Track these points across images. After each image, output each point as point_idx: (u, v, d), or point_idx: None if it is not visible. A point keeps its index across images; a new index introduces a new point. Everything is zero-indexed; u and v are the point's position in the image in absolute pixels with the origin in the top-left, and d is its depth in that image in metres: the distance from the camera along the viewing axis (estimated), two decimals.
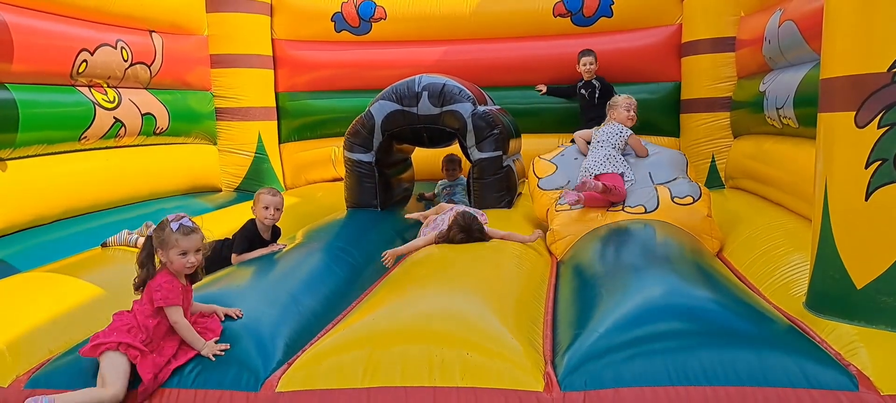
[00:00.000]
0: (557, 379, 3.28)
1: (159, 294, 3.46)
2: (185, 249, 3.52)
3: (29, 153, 6.08)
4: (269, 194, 5.23)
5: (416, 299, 3.99)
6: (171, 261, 3.52)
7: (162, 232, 3.53)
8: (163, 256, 3.53)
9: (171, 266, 3.53)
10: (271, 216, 5.19)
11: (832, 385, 3.10)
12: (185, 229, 3.54)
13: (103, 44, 6.89)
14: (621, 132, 6.20)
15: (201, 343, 3.50)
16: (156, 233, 3.55)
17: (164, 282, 3.49)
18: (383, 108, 6.73)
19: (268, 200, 5.19)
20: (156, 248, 3.54)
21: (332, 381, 3.26)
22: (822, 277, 3.80)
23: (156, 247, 3.54)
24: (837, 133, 3.63)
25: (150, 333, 3.44)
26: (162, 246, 3.52)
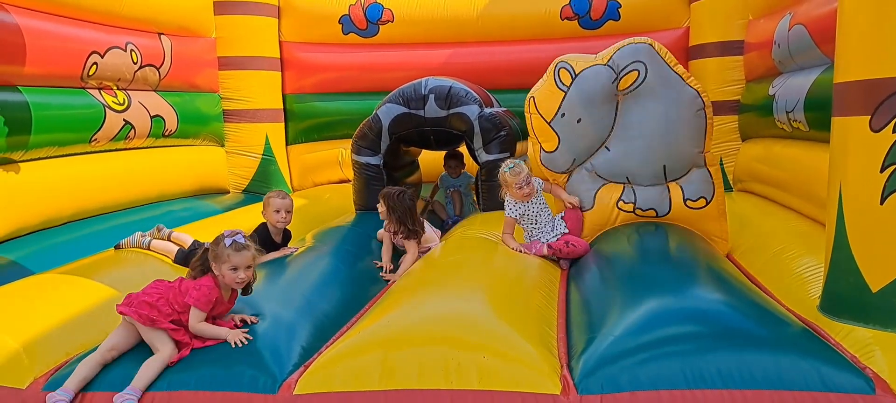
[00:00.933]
0: (574, 383, 3.28)
1: (195, 293, 3.61)
2: (236, 265, 3.66)
3: (40, 155, 6.10)
4: (278, 198, 5.25)
5: (430, 302, 4.00)
6: (223, 275, 3.66)
7: (216, 248, 3.68)
8: (216, 270, 3.67)
9: (222, 279, 3.67)
10: (283, 219, 5.21)
11: (849, 388, 3.10)
12: (237, 246, 3.68)
13: (113, 46, 6.92)
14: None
15: (224, 332, 3.61)
16: (211, 248, 3.70)
17: (204, 286, 3.64)
18: (390, 111, 6.74)
19: (278, 204, 5.21)
20: (210, 261, 3.68)
21: (349, 384, 3.28)
22: (837, 280, 3.80)
23: (210, 261, 3.68)
24: (852, 137, 3.63)
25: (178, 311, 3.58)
26: (215, 260, 3.67)
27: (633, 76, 5.44)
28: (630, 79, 5.45)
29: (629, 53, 5.46)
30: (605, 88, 5.51)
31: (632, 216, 5.71)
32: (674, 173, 5.62)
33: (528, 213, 5.50)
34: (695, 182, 5.62)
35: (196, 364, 3.48)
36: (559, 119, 5.60)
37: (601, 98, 5.53)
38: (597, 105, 5.55)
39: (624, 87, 5.50)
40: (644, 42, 5.49)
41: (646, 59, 5.44)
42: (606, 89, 5.51)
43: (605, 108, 5.58)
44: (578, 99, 5.53)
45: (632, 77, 5.44)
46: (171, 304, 3.61)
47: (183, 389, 3.38)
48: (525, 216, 5.51)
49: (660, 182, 5.67)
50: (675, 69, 5.46)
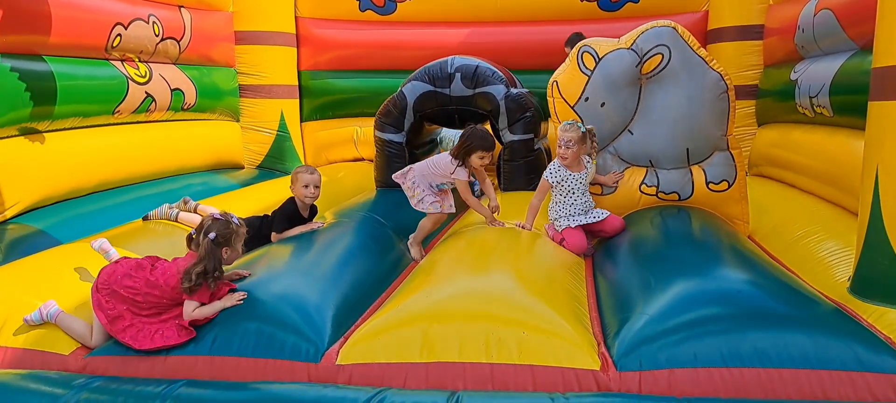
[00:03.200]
0: (613, 360, 3.32)
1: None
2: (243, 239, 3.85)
3: (65, 126, 6.11)
4: (307, 173, 5.24)
5: (466, 279, 4.06)
6: (237, 252, 3.80)
7: (227, 228, 3.74)
8: (228, 251, 3.74)
9: (233, 258, 3.80)
10: (311, 194, 5.21)
11: (885, 368, 3.15)
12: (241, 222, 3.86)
13: (136, 18, 6.91)
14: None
15: (218, 304, 3.67)
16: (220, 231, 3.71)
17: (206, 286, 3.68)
18: (416, 89, 6.73)
19: (307, 178, 5.21)
20: (222, 245, 3.71)
21: (392, 355, 3.32)
22: (870, 262, 3.83)
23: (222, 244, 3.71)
24: (890, 121, 3.65)
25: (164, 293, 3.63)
26: (228, 241, 3.73)
27: (656, 60, 5.44)
28: (654, 62, 5.45)
29: (653, 37, 5.46)
30: (629, 72, 5.51)
31: (654, 199, 5.72)
32: (697, 156, 5.63)
33: (565, 184, 5.36)
34: (717, 165, 5.62)
35: (237, 329, 3.53)
36: (583, 103, 5.61)
37: (625, 82, 5.53)
38: (620, 89, 5.55)
39: (647, 71, 5.50)
40: (668, 25, 5.48)
41: (669, 42, 5.43)
42: (630, 73, 5.51)
43: (629, 92, 5.58)
44: (602, 83, 5.54)
45: (655, 61, 5.44)
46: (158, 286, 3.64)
47: (225, 354, 3.42)
48: (562, 185, 5.36)
49: (683, 165, 5.67)
50: (698, 53, 5.46)
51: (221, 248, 3.70)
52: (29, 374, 3.40)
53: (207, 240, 3.64)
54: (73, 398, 3.16)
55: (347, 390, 3.17)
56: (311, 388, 3.21)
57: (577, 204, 5.38)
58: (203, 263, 3.61)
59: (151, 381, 3.29)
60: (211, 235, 3.66)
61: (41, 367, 3.53)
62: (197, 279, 3.57)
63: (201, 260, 3.62)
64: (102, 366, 3.51)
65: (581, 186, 5.38)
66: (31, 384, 3.29)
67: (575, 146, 5.26)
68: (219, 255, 3.69)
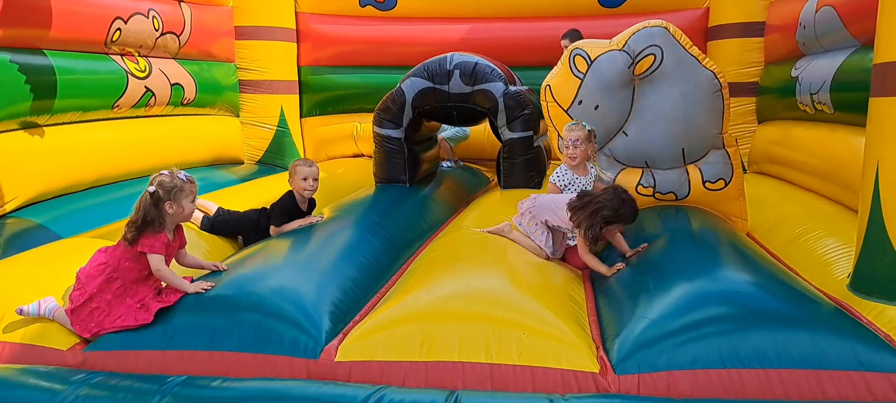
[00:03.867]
0: (611, 363, 3.32)
1: (146, 241, 3.68)
2: (194, 195, 3.83)
3: (65, 120, 6.10)
4: (305, 166, 5.24)
5: (466, 278, 4.04)
6: (183, 208, 3.77)
7: (171, 182, 3.73)
8: (172, 206, 3.71)
9: (180, 213, 3.76)
10: (310, 187, 5.21)
11: (885, 367, 3.14)
12: (189, 178, 3.84)
13: (136, 12, 6.90)
14: None
15: (186, 284, 3.73)
16: (162, 186, 3.71)
17: (148, 237, 3.71)
18: (414, 85, 6.72)
19: (305, 171, 5.20)
20: (164, 199, 3.69)
21: (391, 353, 3.32)
22: (870, 259, 3.82)
23: (164, 199, 3.70)
24: (890, 117, 3.64)
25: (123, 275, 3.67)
26: (173, 196, 3.71)
27: (649, 61, 5.42)
28: (646, 63, 5.43)
29: (644, 38, 5.43)
30: (622, 74, 5.49)
31: (651, 200, 5.70)
32: (692, 156, 5.61)
33: (571, 188, 5.30)
34: (713, 163, 5.61)
35: (235, 322, 3.53)
36: (576, 106, 5.59)
37: (618, 84, 5.51)
38: (614, 91, 5.53)
39: (640, 72, 5.48)
40: (659, 25, 5.46)
41: (661, 42, 5.41)
42: (623, 75, 5.49)
43: (622, 94, 5.57)
44: (595, 86, 5.52)
45: (648, 61, 5.42)
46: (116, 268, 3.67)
47: (224, 349, 3.42)
48: (568, 188, 5.31)
49: (679, 165, 5.65)
50: (690, 51, 5.43)
51: (164, 202, 3.70)
52: (27, 369, 3.39)
53: (145, 194, 3.70)
54: (72, 393, 3.16)
55: (347, 387, 3.16)
56: (310, 385, 3.20)
57: None
58: (139, 213, 3.67)
59: (150, 377, 3.29)
60: (150, 189, 3.71)
61: (39, 362, 3.52)
62: (135, 231, 3.65)
63: (136, 210, 3.69)
64: (101, 361, 3.50)
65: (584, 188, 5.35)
66: (30, 379, 3.29)
67: (582, 144, 5.25)
68: (161, 208, 3.69)
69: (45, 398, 3.16)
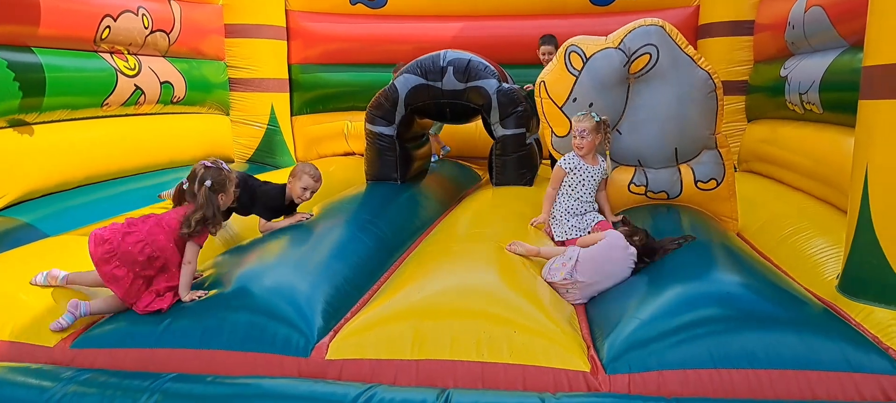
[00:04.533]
0: (602, 363, 3.33)
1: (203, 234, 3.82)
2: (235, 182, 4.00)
3: (54, 118, 6.07)
4: (313, 179, 5.16)
5: (458, 275, 4.05)
6: (230, 198, 3.96)
7: (220, 174, 3.86)
8: (224, 197, 3.87)
9: (227, 202, 3.92)
10: (307, 198, 5.18)
11: (873, 368, 3.16)
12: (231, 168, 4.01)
13: (126, 10, 6.88)
14: None
15: (187, 291, 3.76)
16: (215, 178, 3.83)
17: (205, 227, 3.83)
18: (408, 82, 6.70)
19: (312, 185, 5.16)
20: (217, 192, 3.83)
21: (382, 351, 3.31)
22: (859, 261, 3.83)
23: (217, 191, 3.83)
24: (879, 120, 3.66)
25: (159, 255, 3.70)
26: (223, 187, 3.86)
27: (644, 59, 5.42)
28: (642, 62, 5.44)
29: (640, 36, 5.43)
30: (617, 72, 5.49)
31: (643, 198, 5.71)
32: (685, 155, 5.62)
33: (577, 174, 5.31)
34: (706, 163, 5.61)
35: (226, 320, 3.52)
36: (571, 104, 5.59)
37: (613, 81, 5.51)
38: (608, 89, 5.53)
39: (635, 70, 5.48)
40: (655, 23, 5.46)
41: (657, 41, 5.41)
42: (618, 73, 5.49)
43: (617, 92, 5.57)
44: (590, 83, 5.52)
45: (643, 60, 5.42)
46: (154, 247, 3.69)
47: (215, 347, 3.41)
48: (574, 173, 5.32)
49: (671, 164, 5.66)
50: (685, 51, 5.44)
51: (217, 194, 3.83)
52: (16, 367, 3.37)
53: (204, 188, 3.77)
54: (61, 390, 3.14)
55: (337, 385, 3.15)
56: (301, 383, 3.19)
57: (580, 200, 5.35)
58: (202, 211, 3.76)
59: (140, 374, 3.27)
60: (207, 182, 3.79)
61: (27, 360, 3.49)
62: (196, 225, 3.74)
63: (200, 207, 3.77)
64: (90, 359, 3.48)
65: (591, 181, 5.35)
66: (18, 377, 3.27)
67: (590, 135, 5.25)
68: (216, 202, 3.82)
69: (34, 395, 3.15)
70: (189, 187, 3.84)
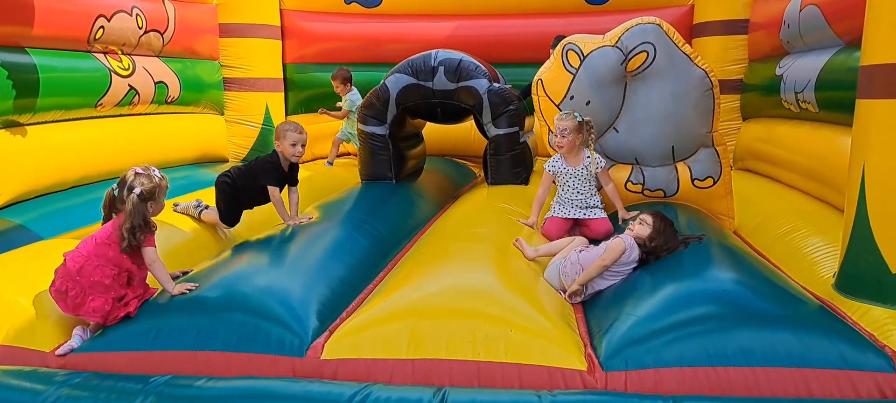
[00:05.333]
0: (599, 361, 3.32)
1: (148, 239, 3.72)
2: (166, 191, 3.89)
3: (47, 119, 6.04)
4: (295, 131, 5.07)
5: (453, 274, 4.04)
6: (161, 207, 3.84)
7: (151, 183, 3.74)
8: (154, 205, 3.76)
9: (157, 212, 3.83)
10: (299, 153, 5.08)
11: (869, 366, 3.16)
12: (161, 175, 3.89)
13: (119, 10, 6.84)
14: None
15: (172, 283, 3.75)
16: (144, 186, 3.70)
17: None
18: (399, 81, 6.70)
19: (295, 137, 5.05)
20: (147, 200, 3.70)
21: (378, 351, 3.31)
22: (856, 260, 3.84)
23: (147, 199, 3.70)
24: (876, 120, 3.66)
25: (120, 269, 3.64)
26: (152, 196, 3.73)
27: (641, 57, 5.43)
28: (639, 60, 5.44)
29: (638, 34, 5.44)
30: (614, 70, 5.49)
31: (640, 196, 5.72)
32: (682, 153, 5.63)
33: (561, 174, 5.36)
34: (702, 161, 5.62)
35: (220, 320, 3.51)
36: (568, 101, 5.59)
37: (610, 80, 5.52)
38: (606, 87, 5.54)
39: (633, 69, 5.49)
40: (652, 22, 5.46)
41: (654, 39, 5.42)
42: (615, 71, 5.50)
43: (614, 90, 5.57)
44: (588, 81, 5.52)
45: (640, 58, 5.43)
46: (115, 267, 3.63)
47: (209, 349, 3.40)
48: (558, 175, 5.37)
49: (668, 162, 5.67)
50: (682, 49, 5.45)
51: (146, 203, 3.69)
52: (9, 370, 3.35)
53: (133, 196, 3.64)
54: (54, 394, 3.13)
55: (333, 385, 3.15)
56: (296, 383, 3.19)
57: (570, 201, 5.37)
58: (130, 220, 3.62)
59: (133, 377, 3.26)
60: (136, 190, 3.66)
61: (20, 363, 3.47)
62: (129, 236, 3.60)
63: (129, 216, 3.63)
64: (83, 362, 3.46)
65: (575, 181, 5.36)
66: (11, 380, 3.25)
67: (570, 135, 5.26)
68: (144, 210, 3.67)
69: (27, 399, 3.13)
70: (119, 194, 3.72)
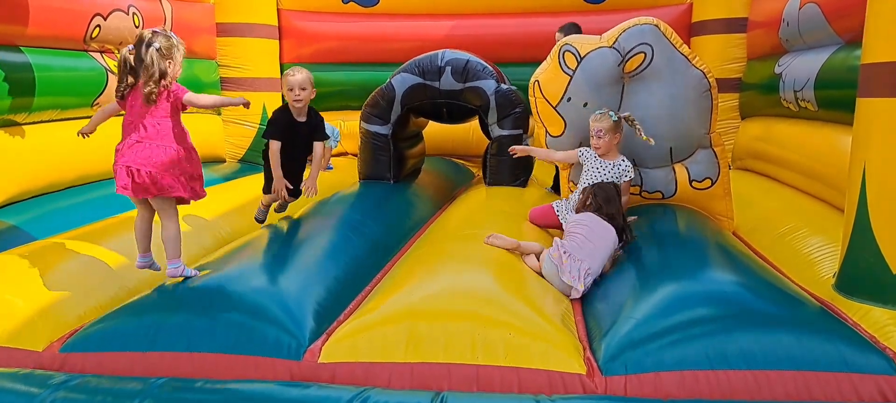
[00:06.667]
0: (598, 364, 3.30)
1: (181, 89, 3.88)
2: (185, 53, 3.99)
3: (43, 118, 6.01)
4: (291, 74, 4.92)
5: (452, 277, 4.00)
6: (178, 68, 3.92)
7: (168, 40, 3.82)
8: (172, 65, 3.84)
9: (177, 70, 3.90)
10: (296, 96, 4.88)
11: (871, 368, 3.14)
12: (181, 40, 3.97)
13: (116, 9, 6.81)
14: None
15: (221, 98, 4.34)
16: (163, 43, 3.79)
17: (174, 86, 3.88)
18: (405, 81, 6.67)
19: (290, 80, 4.89)
20: (165, 57, 3.78)
21: (375, 354, 3.28)
22: (856, 260, 3.81)
23: (166, 56, 3.78)
24: (877, 118, 3.64)
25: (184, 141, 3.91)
26: (170, 54, 3.83)
27: (639, 58, 5.40)
28: (636, 61, 5.41)
29: (635, 35, 5.41)
30: (612, 71, 5.46)
31: (638, 198, 5.69)
32: (680, 154, 5.60)
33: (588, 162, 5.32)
34: (700, 162, 5.60)
35: (217, 322, 3.49)
36: (565, 103, 5.56)
37: (607, 81, 5.49)
38: (603, 88, 5.50)
39: (630, 70, 5.46)
40: (649, 22, 5.44)
41: (652, 40, 5.39)
42: (613, 72, 5.47)
43: (612, 91, 5.54)
44: (585, 82, 5.49)
45: (638, 59, 5.40)
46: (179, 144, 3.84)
47: (206, 351, 3.37)
48: (586, 161, 5.34)
49: (666, 164, 5.63)
50: (680, 50, 5.42)
51: (166, 61, 3.79)
52: (3, 373, 3.32)
53: (152, 50, 3.73)
54: (49, 396, 3.08)
55: (330, 389, 3.11)
56: (293, 387, 3.16)
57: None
58: (149, 72, 3.73)
59: (130, 379, 3.23)
60: (155, 45, 3.75)
61: (14, 365, 3.43)
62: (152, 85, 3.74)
63: (147, 68, 3.74)
64: (79, 363, 3.43)
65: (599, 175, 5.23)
66: (6, 383, 3.21)
67: (607, 135, 5.23)
68: (163, 67, 3.77)
69: (22, 401, 3.09)
70: (136, 53, 3.77)
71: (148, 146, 3.80)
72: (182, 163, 3.86)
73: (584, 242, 4.34)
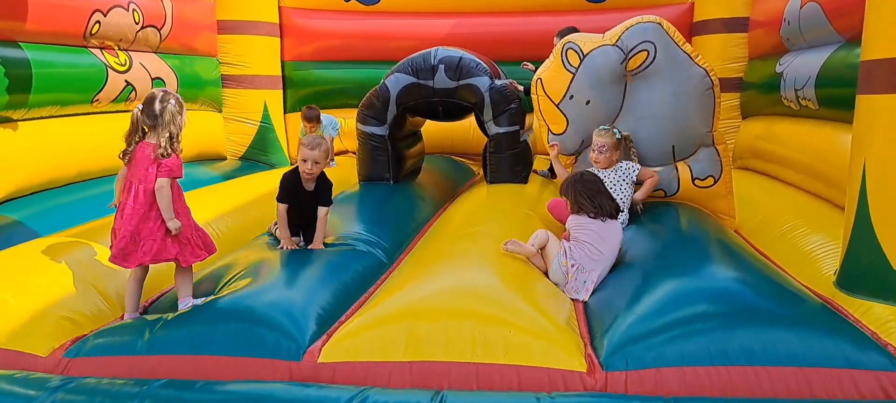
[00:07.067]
0: (599, 361, 3.29)
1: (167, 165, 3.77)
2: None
3: (43, 114, 6.00)
4: (306, 147, 4.73)
5: (452, 276, 4.00)
6: (182, 123, 3.87)
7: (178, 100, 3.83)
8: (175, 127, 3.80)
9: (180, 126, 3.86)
10: (308, 170, 4.73)
11: (871, 365, 3.13)
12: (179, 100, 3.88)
13: (116, 5, 6.80)
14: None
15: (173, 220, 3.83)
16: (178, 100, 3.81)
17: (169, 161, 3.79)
18: (399, 81, 6.65)
19: (305, 153, 4.72)
20: (169, 123, 3.76)
21: (375, 354, 3.27)
22: (857, 256, 3.81)
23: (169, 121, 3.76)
24: (878, 115, 3.63)
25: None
26: (174, 119, 3.79)
27: (642, 56, 5.39)
28: (639, 59, 5.41)
29: (638, 33, 5.40)
30: (614, 69, 5.46)
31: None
32: (682, 153, 5.60)
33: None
34: (703, 161, 5.59)
35: (216, 327, 3.47)
36: (567, 101, 5.56)
37: (610, 79, 5.48)
38: (606, 86, 5.50)
39: (633, 68, 5.45)
40: (652, 21, 5.43)
41: (654, 38, 5.38)
42: (615, 70, 5.46)
43: (614, 89, 5.53)
44: (587, 80, 5.49)
45: (641, 57, 5.40)
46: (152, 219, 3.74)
47: (204, 353, 3.36)
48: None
49: (668, 162, 5.63)
50: (683, 48, 5.41)
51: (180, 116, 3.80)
52: (2, 375, 3.30)
53: (170, 105, 3.74)
54: (48, 399, 3.06)
55: (330, 389, 3.10)
56: (292, 387, 3.14)
57: None
58: (169, 128, 3.73)
59: (129, 381, 3.21)
60: (171, 102, 3.75)
61: (16, 367, 3.41)
62: (167, 145, 3.73)
63: (166, 126, 3.74)
64: (81, 367, 3.41)
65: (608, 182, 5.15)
66: (4, 385, 3.19)
67: (608, 151, 5.27)
68: (179, 122, 3.80)
69: None
70: (148, 109, 3.75)
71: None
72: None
73: (593, 251, 4.30)
